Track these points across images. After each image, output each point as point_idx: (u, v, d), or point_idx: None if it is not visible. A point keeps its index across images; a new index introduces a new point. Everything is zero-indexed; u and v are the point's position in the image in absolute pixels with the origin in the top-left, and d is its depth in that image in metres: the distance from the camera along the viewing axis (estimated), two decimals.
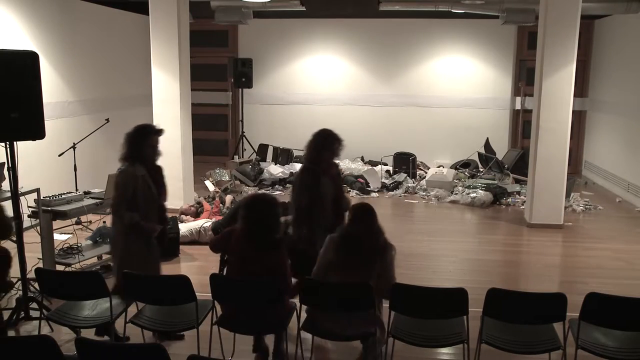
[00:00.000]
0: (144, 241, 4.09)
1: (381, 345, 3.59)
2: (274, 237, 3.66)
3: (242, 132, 11.10)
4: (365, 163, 10.43)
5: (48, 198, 5.08)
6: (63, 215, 5.04)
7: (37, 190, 5.59)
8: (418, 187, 9.31)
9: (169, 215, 6.60)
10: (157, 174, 4.25)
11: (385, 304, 3.69)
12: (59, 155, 7.01)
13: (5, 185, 4.77)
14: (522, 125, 10.46)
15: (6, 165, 4.50)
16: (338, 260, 3.63)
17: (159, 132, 4.24)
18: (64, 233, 6.34)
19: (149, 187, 4.09)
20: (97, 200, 5.54)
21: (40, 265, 4.91)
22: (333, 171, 4.50)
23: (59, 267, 5.04)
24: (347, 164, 10.04)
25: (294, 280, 3.75)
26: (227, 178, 9.31)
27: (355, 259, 3.61)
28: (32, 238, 5.27)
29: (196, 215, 7.25)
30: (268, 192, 8.93)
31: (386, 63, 11.04)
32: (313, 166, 4.34)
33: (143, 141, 4.12)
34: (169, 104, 7.60)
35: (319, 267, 3.71)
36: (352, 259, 3.61)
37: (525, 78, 10.22)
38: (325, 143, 4.38)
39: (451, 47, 10.87)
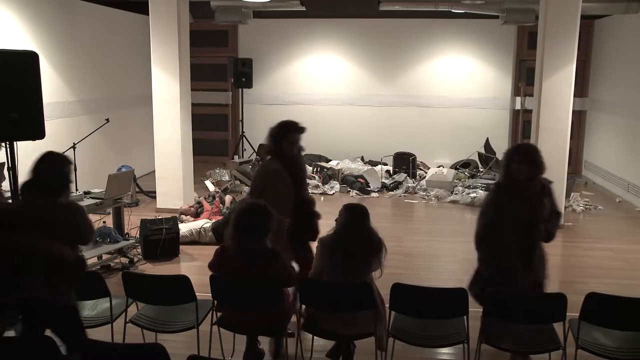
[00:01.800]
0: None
1: (383, 345, 3.58)
2: (265, 248, 3.53)
3: (242, 132, 11.10)
4: (365, 163, 10.43)
5: None
6: None
7: None
8: (418, 187, 9.31)
9: (169, 215, 6.64)
10: (295, 169, 4.23)
11: (386, 305, 3.69)
12: None
13: (5, 185, 4.77)
14: (522, 125, 10.45)
15: (6, 165, 4.50)
16: (334, 264, 3.60)
17: (301, 129, 4.22)
18: None
19: (283, 181, 4.09)
20: (97, 200, 5.55)
21: None
22: (536, 190, 3.71)
23: None
24: (347, 164, 10.05)
25: None
26: (227, 178, 9.31)
27: (354, 261, 3.59)
28: None
29: (196, 215, 7.25)
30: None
31: (386, 63, 11.04)
32: (508, 182, 3.75)
33: (282, 137, 4.16)
34: (169, 104, 7.60)
35: (314, 273, 3.72)
36: (351, 261, 3.59)
37: (525, 78, 10.20)
38: (528, 158, 3.69)
39: (451, 47, 10.87)
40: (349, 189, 9.15)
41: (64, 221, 3.29)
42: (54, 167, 3.40)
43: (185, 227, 6.55)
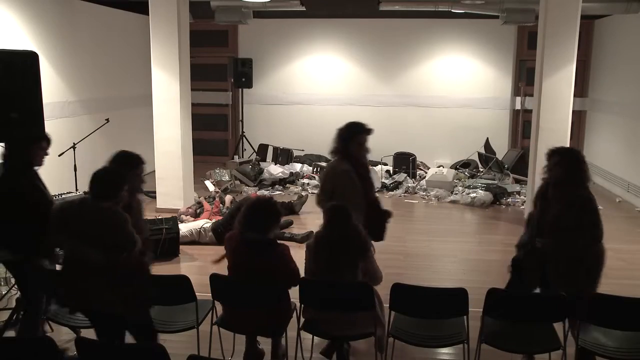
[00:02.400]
0: None
1: (382, 346, 3.58)
2: (266, 239, 3.55)
3: (242, 132, 11.10)
4: None
5: None
6: None
7: None
8: (418, 187, 9.31)
9: (169, 215, 6.64)
10: (363, 170, 4.25)
11: (386, 305, 3.69)
12: (59, 155, 7.00)
13: None
14: (522, 125, 10.46)
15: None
16: (319, 265, 3.58)
17: (368, 131, 4.23)
18: None
19: (352, 182, 4.09)
20: None
21: None
22: (565, 197, 3.72)
23: (59, 267, 5.03)
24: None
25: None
26: (227, 178, 9.31)
27: (338, 261, 3.57)
28: None
29: (196, 215, 7.25)
30: (268, 192, 8.93)
31: (386, 63, 11.04)
32: (546, 181, 3.87)
33: (350, 138, 4.17)
34: (169, 104, 7.59)
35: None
36: (335, 261, 3.56)
37: (525, 78, 10.21)
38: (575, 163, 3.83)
39: (451, 47, 10.87)
40: None
41: (101, 228, 3.31)
42: (110, 171, 3.50)
43: (185, 227, 6.55)
